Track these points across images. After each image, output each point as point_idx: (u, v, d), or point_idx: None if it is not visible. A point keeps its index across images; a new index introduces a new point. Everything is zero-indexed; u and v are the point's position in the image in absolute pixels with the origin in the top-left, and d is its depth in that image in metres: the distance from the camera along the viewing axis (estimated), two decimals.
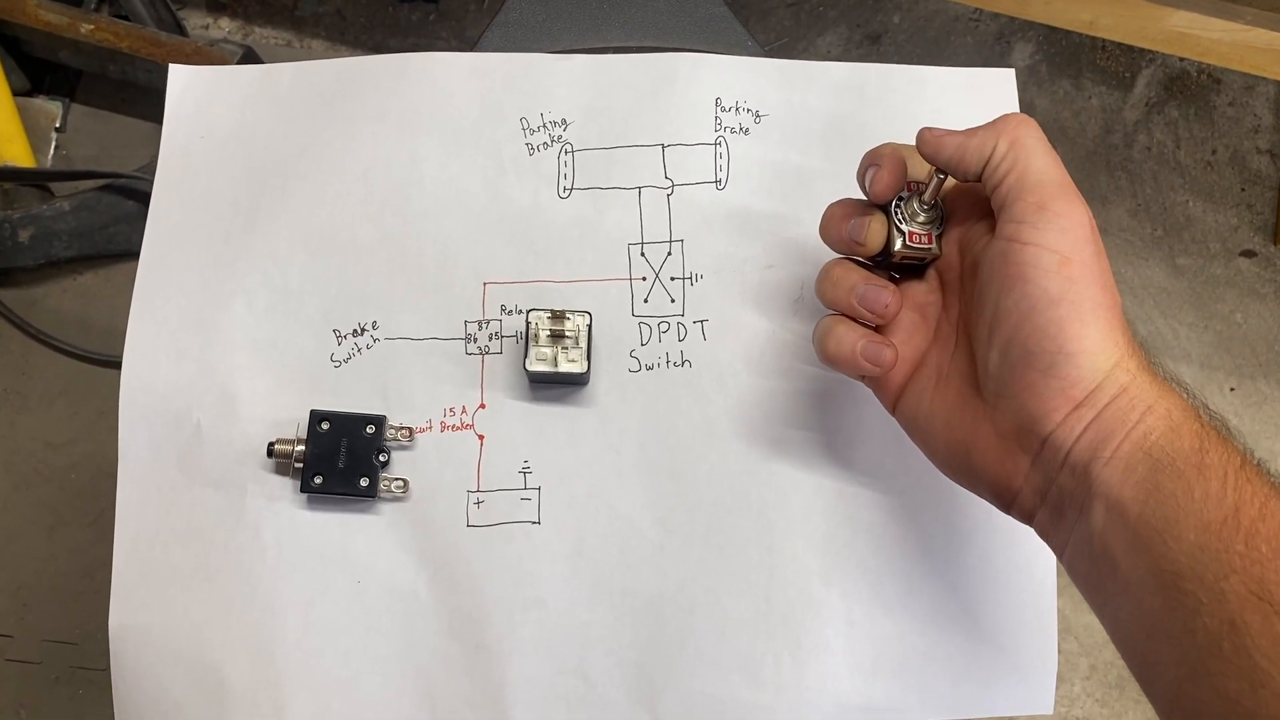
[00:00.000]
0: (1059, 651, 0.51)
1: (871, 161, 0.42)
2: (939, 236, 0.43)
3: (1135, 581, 0.34)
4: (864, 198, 0.43)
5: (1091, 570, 0.36)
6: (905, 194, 0.43)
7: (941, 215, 0.43)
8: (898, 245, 0.43)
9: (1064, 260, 0.36)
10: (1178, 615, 0.33)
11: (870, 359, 0.41)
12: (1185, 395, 0.37)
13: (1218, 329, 1.31)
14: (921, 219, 0.43)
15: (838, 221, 0.44)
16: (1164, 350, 1.30)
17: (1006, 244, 0.38)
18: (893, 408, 0.44)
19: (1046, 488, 0.38)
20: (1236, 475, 0.34)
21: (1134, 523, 0.34)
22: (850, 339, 0.42)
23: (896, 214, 0.43)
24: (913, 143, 0.42)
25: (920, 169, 0.43)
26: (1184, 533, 0.33)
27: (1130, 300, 1.31)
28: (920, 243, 0.43)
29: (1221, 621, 0.32)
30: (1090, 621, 1.18)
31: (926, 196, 0.42)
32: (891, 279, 0.45)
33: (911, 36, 1.39)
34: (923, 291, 0.44)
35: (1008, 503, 0.40)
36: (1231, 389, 1.30)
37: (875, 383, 0.45)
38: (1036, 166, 0.38)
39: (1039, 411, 0.37)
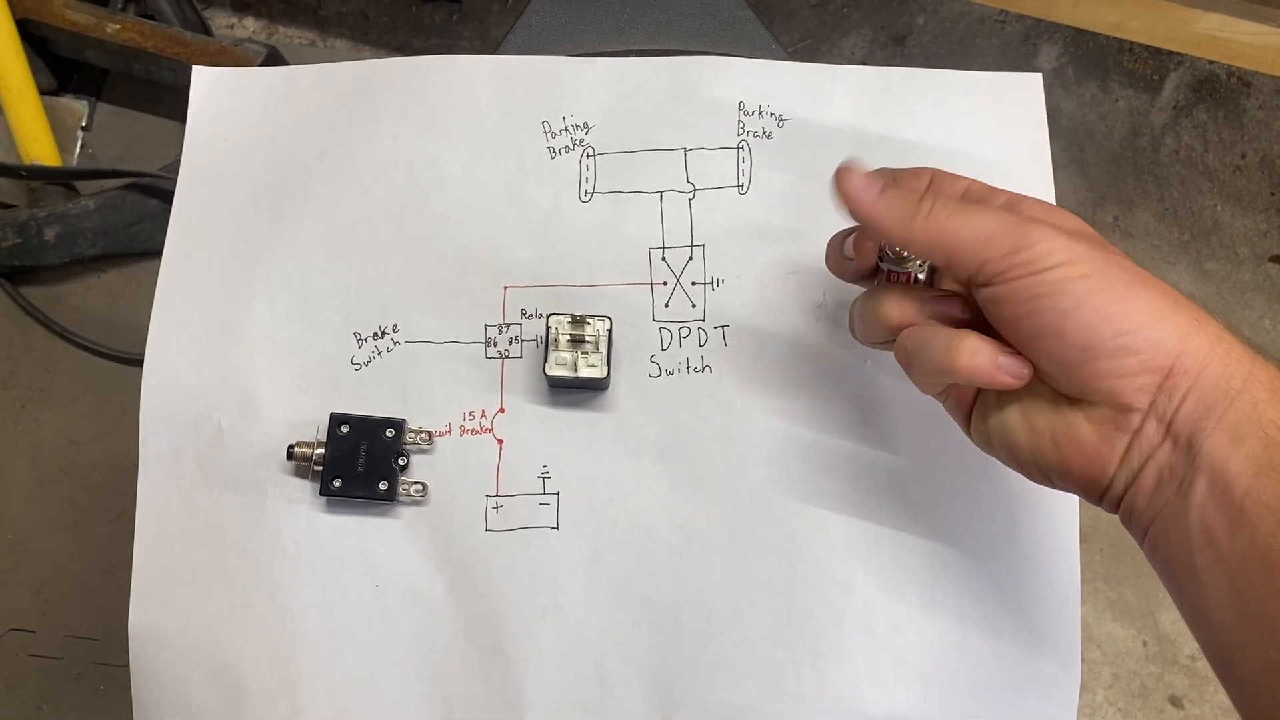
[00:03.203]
0: (1081, 660, 0.51)
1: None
2: None
3: (1234, 557, 0.34)
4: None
5: (1181, 545, 0.35)
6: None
7: None
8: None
9: (1065, 265, 0.36)
10: None
11: (1011, 371, 0.38)
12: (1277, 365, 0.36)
13: (1245, 335, 1.29)
14: None
15: (837, 244, 0.46)
16: None
17: (998, 289, 0.37)
18: (967, 422, 0.43)
19: (1142, 466, 0.36)
20: None
21: (1241, 498, 0.33)
22: (988, 350, 0.38)
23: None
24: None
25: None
26: None
27: None
28: None
29: None
30: (1113, 630, 1.17)
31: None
32: None
33: (937, 38, 1.38)
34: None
35: (1100, 493, 0.38)
36: None
37: (954, 397, 0.43)
38: (969, 234, 0.38)
39: (1130, 391, 0.35)
